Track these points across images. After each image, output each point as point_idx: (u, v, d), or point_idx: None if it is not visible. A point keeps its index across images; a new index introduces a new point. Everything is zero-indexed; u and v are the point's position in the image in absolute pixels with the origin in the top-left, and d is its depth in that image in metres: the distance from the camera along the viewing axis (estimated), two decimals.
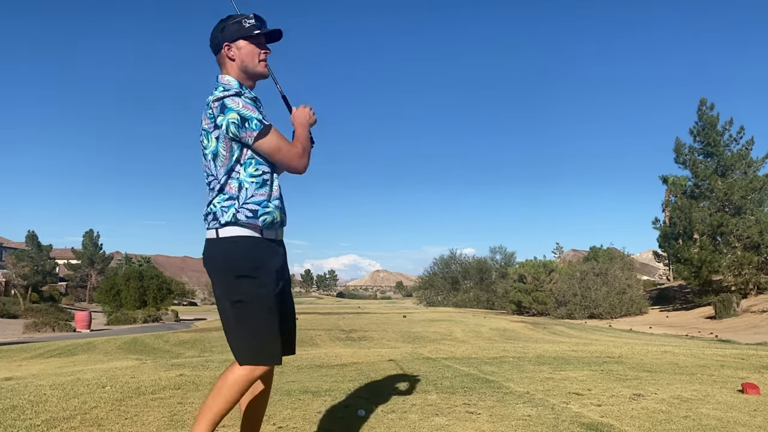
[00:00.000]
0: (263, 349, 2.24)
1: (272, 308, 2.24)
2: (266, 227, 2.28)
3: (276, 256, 2.32)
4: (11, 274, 50.32)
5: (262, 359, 2.24)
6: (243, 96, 2.21)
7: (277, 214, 2.31)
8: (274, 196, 2.31)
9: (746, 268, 31.81)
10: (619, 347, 8.01)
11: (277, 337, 2.26)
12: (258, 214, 2.25)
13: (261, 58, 2.31)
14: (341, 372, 5.30)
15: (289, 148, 2.27)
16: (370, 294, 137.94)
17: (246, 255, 2.24)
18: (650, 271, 71.46)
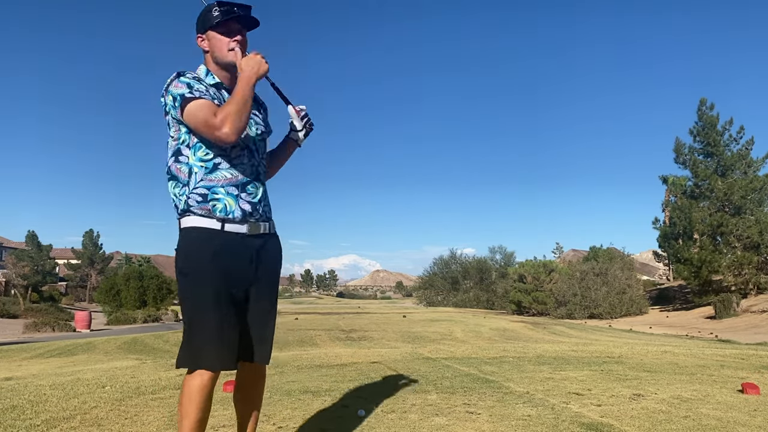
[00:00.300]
0: (194, 353, 2.07)
1: (208, 308, 2.07)
2: (226, 217, 2.13)
3: (239, 251, 2.16)
4: (11, 274, 50.33)
5: (193, 362, 2.07)
6: (185, 76, 2.15)
7: (230, 202, 2.14)
8: (230, 182, 2.15)
9: (746, 268, 31.83)
10: (619, 347, 8.01)
11: (213, 341, 2.06)
12: (207, 198, 2.12)
13: (230, 47, 2.20)
14: (341, 372, 5.30)
15: (207, 114, 2.04)
16: (370, 294, 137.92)
17: (190, 250, 2.13)
18: (650, 271, 71.45)
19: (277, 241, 2.34)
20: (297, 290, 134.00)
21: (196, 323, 2.09)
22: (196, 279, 2.09)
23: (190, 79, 2.14)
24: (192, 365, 2.08)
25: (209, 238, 2.11)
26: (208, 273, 2.09)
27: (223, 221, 2.13)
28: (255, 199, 2.21)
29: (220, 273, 2.10)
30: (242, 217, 2.16)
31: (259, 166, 2.26)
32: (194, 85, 2.11)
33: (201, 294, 2.09)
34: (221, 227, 2.13)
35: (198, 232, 2.13)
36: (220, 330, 2.08)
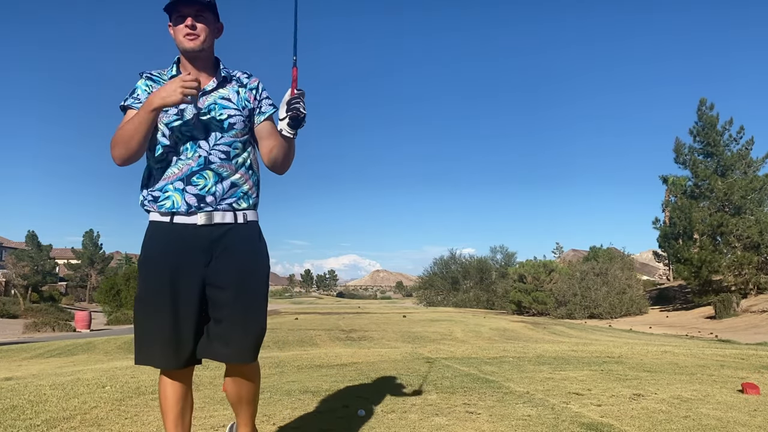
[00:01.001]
0: (141, 347, 2.11)
1: (150, 303, 2.09)
2: (174, 211, 2.13)
3: (189, 243, 2.11)
4: (11, 274, 50.34)
5: (140, 357, 2.11)
6: (142, 77, 2.23)
7: (176, 197, 2.12)
8: (176, 177, 2.12)
9: (746, 268, 31.81)
10: (619, 347, 8.01)
11: (155, 337, 2.07)
12: (159, 199, 2.14)
13: (184, 33, 2.14)
14: (341, 372, 5.30)
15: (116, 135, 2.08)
16: (370, 294, 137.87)
17: (143, 244, 2.18)
18: (650, 271, 71.44)
19: (246, 229, 2.20)
20: (297, 290, 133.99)
21: (142, 317, 2.11)
22: (142, 273, 2.14)
23: (141, 82, 2.22)
24: (139, 361, 2.12)
25: (158, 232, 2.14)
26: (152, 266, 2.11)
27: (172, 215, 2.13)
28: (203, 189, 2.13)
29: (165, 266, 2.09)
30: (187, 210, 2.11)
31: (211, 154, 2.15)
32: (137, 91, 2.19)
33: (145, 289, 2.11)
34: (170, 220, 2.13)
35: (151, 228, 2.17)
36: (166, 324, 2.06)
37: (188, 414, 2.21)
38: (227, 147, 2.17)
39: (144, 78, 2.22)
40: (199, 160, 2.14)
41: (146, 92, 2.18)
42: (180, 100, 2.00)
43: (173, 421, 2.14)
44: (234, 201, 2.18)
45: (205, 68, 2.21)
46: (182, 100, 2.01)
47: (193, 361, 2.14)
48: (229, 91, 2.22)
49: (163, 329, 2.06)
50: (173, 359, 2.08)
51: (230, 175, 2.17)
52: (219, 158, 2.16)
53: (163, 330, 2.06)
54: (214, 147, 2.16)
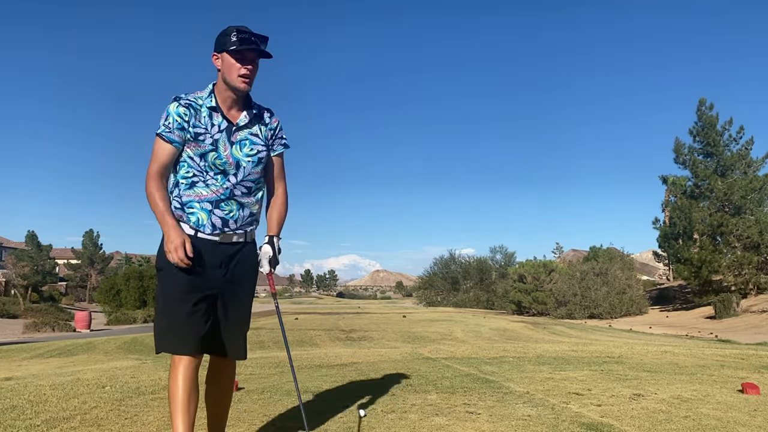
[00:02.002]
0: (163, 336, 2.37)
1: (178, 299, 2.35)
2: (198, 228, 2.41)
3: (210, 255, 2.41)
4: (11, 274, 50.33)
5: (162, 345, 2.38)
6: (178, 101, 2.39)
7: (203, 216, 2.41)
8: (205, 198, 2.42)
9: (746, 268, 31.82)
10: (619, 347, 8.01)
11: (181, 327, 2.34)
12: (185, 209, 2.42)
13: (240, 74, 2.37)
14: (341, 372, 5.30)
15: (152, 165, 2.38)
16: (370, 294, 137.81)
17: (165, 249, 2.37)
18: (650, 271, 71.43)
19: (252, 247, 2.56)
20: (297, 290, 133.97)
21: (167, 311, 2.37)
22: (169, 274, 2.36)
23: (176, 107, 2.38)
24: (161, 347, 2.39)
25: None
26: (180, 268, 2.32)
27: (196, 230, 2.41)
28: (228, 215, 2.45)
29: (189, 270, 2.33)
30: (212, 230, 2.42)
31: (236, 188, 2.46)
32: (170, 118, 2.36)
33: (172, 286, 2.36)
34: (194, 233, 2.40)
35: None
36: (188, 318, 2.35)
37: (194, 404, 2.44)
38: (251, 183, 2.50)
39: (178, 105, 2.39)
40: (226, 191, 2.44)
41: (178, 122, 2.36)
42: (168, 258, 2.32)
43: (181, 409, 2.38)
44: (248, 224, 2.53)
45: (239, 102, 2.48)
46: (170, 259, 2.31)
47: (204, 352, 2.46)
48: (257, 127, 2.53)
49: (189, 321, 2.35)
50: (192, 346, 2.37)
51: (250, 205, 2.52)
52: (242, 191, 2.48)
53: (189, 321, 2.35)
54: (240, 182, 2.46)
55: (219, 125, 2.43)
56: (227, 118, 2.45)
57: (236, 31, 2.37)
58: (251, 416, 3.37)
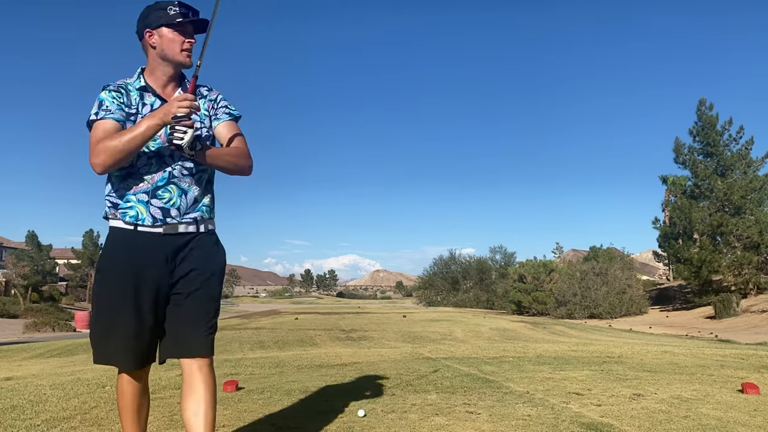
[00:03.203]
0: (101, 346, 2.19)
1: (113, 306, 2.15)
2: (137, 223, 2.18)
3: (153, 251, 2.19)
4: (11, 274, 50.31)
5: (100, 356, 2.20)
6: (106, 88, 2.20)
7: (140, 209, 2.18)
8: (141, 189, 2.19)
9: (746, 268, 31.81)
10: (619, 347, 8.01)
11: (120, 338, 2.14)
12: (118, 207, 2.20)
13: (184, 48, 2.23)
14: (341, 372, 5.30)
15: (97, 136, 2.09)
16: (370, 294, 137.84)
17: (106, 249, 2.23)
18: (650, 271, 71.43)
19: (206, 236, 2.30)
20: (297, 290, 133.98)
21: (103, 319, 2.18)
22: (106, 276, 2.19)
23: (107, 94, 2.18)
24: (97, 359, 2.20)
25: (123, 238, 2.19)
26: (117, 270, 2.17)
27: (135, 224, 2.18)
28: (168, 203, 2.21)
29: (129, 270, 2.15)
30: (152, 223, 2.18)
31: (174, 170, 2.22)
32: (105, 103, 2.15)
33: (108, 290, 2.17)
34: (133, 228, 2.18)
35: (114, 233, 2.22)
36: (127, 326, 2.14)
37: (145, 410, 2.33)
38: (191, 163, 2.24)
39: (108, 90, 2.20)
40: (164, 174, 2.21)
41: (115, 103, 2.17)
42: (181, 124, 2.08)
43: (130, 418, 2.27)
44: (197, 215, 2.28)
45: (175, 80, 2.31)
46: (189, 114, 2.08)
47: (151, 362, 2.26)
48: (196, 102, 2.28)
49: (127, 333, 2.15)
50: (133, 361, 2.18)
51: (193, 190, 2.26)
52: (182, 173, 2.24)
53: (127, 333, 2.15)
54: (178, 162, 2.23)
55: (152, 104, 2.24)
56: (160, 96, 2.25)
57: (174, 5, 2.21)
58: (251, 416, 3.36)
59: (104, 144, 2.06)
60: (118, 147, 2.06)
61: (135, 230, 2.18)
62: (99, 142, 2.07)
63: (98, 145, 2.07)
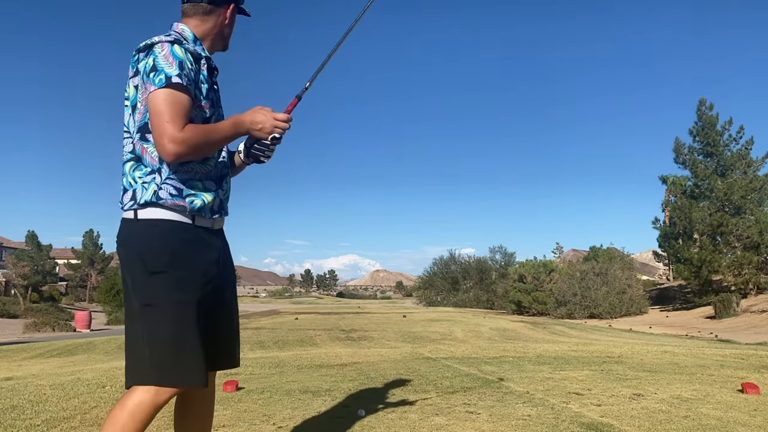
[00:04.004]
0: (173, 367, 1.76)
1: (192, 318, 1.79)
2: (197, 212, 1.87)
3: (210, 250, 1.91)
4: (11, 274, 50.32)
5: (171, 379, 1.77)
6: (182, 46, 1.82)
7: (207, 198, 1.88)
8: (207, 175, 1.90)
9: (746, 268, 31.81)
10: (619, 347, 8.01)
11: (197, 354, 1.80)
12: (183, 194, 1.83)
13: (229, 33, 2.06)
14: (341, 372, 5.30)
15: (175, 115, 1.72)
16: (370, 294, 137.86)
17: (165, 244, 1.80)
18: (650, 271, 71.43)
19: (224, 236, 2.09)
20: (297, 290, 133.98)
21: (175, 335, 1.77)
22: (181, 282, 1.79)
23: (184, 54, 1.81)
24: (168, 382, 1.77)
25: (181, 231, 1.84)
26: (197, 275, 1.83)
27: (194, 216, 1.87)
28: (227, 194, 2.01)
29: (203, 275, 1.86)
30: (210, 215, 1.92)
31: (226, 156, 2.03)
32: (186, 67, 1.80)
33: (185, 301, 1.79)
34: (192, 221, 1.87)
35: (168, 225, 1.82)
36: (212, 339, 1.86)
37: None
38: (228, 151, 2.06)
39: (184, 49, 1.83)
40: (224, 162, 2.00)
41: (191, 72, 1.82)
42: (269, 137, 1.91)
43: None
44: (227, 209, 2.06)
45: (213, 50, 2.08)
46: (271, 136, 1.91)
47: None
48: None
49: (213, 343, 1.87)
50: (201, 377, 1.82)
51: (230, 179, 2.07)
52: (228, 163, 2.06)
53: (213, 344, 1.86)
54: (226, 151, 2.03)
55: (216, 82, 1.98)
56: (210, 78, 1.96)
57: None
58: (251, 416, 3.36)
59: (193, 134, 1.74)
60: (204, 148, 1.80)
61: (192, 224, 1.86)
62: (180, 123, 1.73)
63: (179, 129, 1.72)
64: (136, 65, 1.82)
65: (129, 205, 1.83)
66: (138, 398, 1.75)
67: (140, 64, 1.80)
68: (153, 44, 1.79)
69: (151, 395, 1.75)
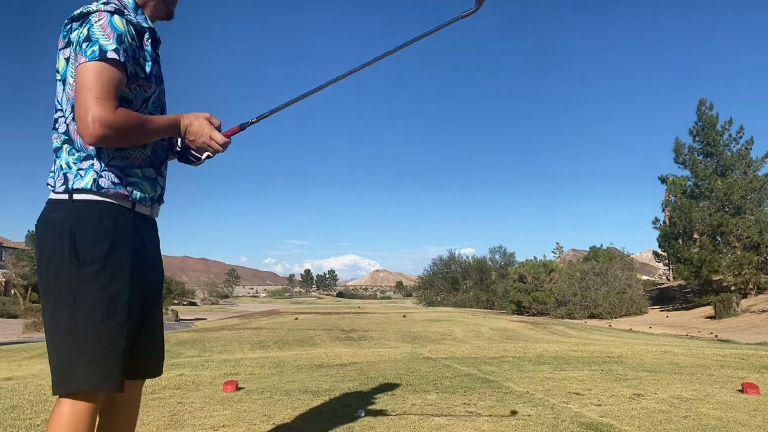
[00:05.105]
0: (93, 370, 1.58)
1: (121, 315, 1.62)
2: (139, 201, 1.73)
3: (146, 240, 1.76)
4: (11, 274, 50.33)
5: (81, 377, 1.57)
6: (123, 17, 1.64)
7: (146, 187, 1.74)
8: (147, 161, 1.75)
9: (746, 268, 31.82)
10: (619, 347, 8.01)
11: (119, 356, 1.62)
12: (123, 182, 1.68)
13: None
14: (341, 372, 5.30)
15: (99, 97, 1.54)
16: (370, 294, 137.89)
17: (103, 230, 1.62)
18: (650, 271, 71.44)
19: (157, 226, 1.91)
20: (297, 290, 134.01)
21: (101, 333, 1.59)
22: (113, 274, 1.62)
23: (125, 25, 1.64)
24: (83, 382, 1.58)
25: (119, 216, 1.68)
26: (127, 266, 1.66)
27: (134, 203, 1.73)
28: (164, 182, 1.85)
29: (136, 267, 1.69)
30: (151, 203, 1.79)
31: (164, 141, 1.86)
32: (126, 41, 1.63)
33: (115, 296, 1.62)
34: (132, 207, 1.72)
35: (105, 207, 1.66)
36: (121, 336, 1.63)
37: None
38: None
39: (126, 21, 1.66)
40: (165, 145, 1.85)
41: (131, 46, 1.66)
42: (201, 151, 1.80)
43: None
44: None
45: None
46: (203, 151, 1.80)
47: None
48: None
49: (126, 342, 1.65)
50: (123, 377, 1.65)
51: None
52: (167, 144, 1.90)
53: (120, 341, 1.63)
54: None
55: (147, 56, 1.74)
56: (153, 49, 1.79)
57: None
58: (251, 416, 3.36)
59: (124, 119, 1.58)
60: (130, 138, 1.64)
61: (133, 210, 1.72)
62: (112, 103, 1.56)
63: (111, 109, 1.55)
64: (68, 35, 1.66)
65: (61, 189, 1.65)
66: (65, 410, 1.58)
67: (73, 33, 1.63)
68: (89, 13, 1.62)
69: (72, 405, 1.58)
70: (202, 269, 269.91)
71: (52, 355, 1.62)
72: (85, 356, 1.58)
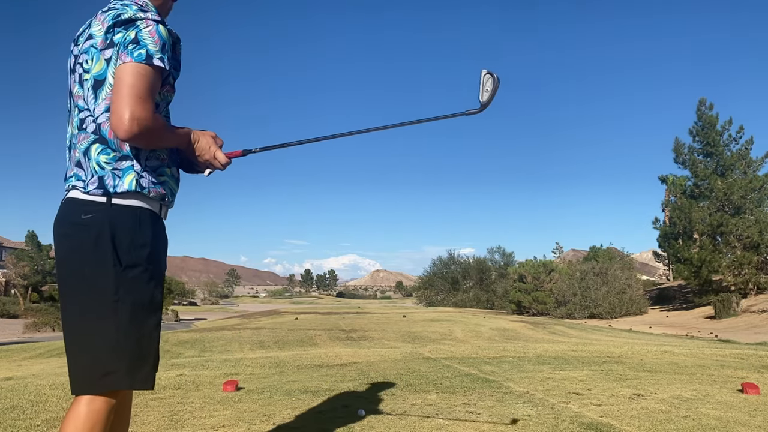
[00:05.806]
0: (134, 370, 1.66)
1: (157, 315, 1.74)
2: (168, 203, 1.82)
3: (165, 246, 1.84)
4: (11, 274, 50.34)
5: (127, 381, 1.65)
6: (166, 27, 1.71)
7: (173, 186, 1.82)
8: (170, 161, 1.81)
9: (746, 268, 31.82)
10: (619, 347, 8.01)
11: (155, 355, 1.73)
12: (160, 181, 1.75)
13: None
14: (341, 372, 5.30)
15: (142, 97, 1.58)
16: (370, 294, 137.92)
17: (145, 235, 1.70)
18: (650, 271, 71.46)
19: None
20: (297, 290, 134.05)
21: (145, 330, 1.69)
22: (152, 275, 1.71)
23: (168, 35, 1.70)
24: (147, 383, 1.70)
25: (155, 224, 1.76)
26: (158, 264, 1.76)
27: (161, 206, 1.79)
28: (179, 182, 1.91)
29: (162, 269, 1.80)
30: (169, 204, 1.84)
31: None
32: (167, 51, 1.69)
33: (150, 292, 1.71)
34: (159, 210, 1.78)
35: (150, 216, 1.73)
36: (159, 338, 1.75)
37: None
38: None
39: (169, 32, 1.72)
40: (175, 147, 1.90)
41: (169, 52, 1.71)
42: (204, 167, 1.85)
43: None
44: None
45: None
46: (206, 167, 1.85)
47: None
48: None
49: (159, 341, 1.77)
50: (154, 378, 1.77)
51: None
52: None
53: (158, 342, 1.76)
54: None
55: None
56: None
57: None
58: (251, 416, 3.36)
59: (157, 124, 1.63)
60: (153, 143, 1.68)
61: (159, 215, 1.78)
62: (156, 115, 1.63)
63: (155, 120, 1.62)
64: (111, 37, 1.66)
65: (96, 192, 1.66)
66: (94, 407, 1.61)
67: (117, 35, 1.65)
68: (136, 19, 1.66)
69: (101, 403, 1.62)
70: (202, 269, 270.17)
71: (83, 355, 1.64)
72: (127, 356, 1.64)
